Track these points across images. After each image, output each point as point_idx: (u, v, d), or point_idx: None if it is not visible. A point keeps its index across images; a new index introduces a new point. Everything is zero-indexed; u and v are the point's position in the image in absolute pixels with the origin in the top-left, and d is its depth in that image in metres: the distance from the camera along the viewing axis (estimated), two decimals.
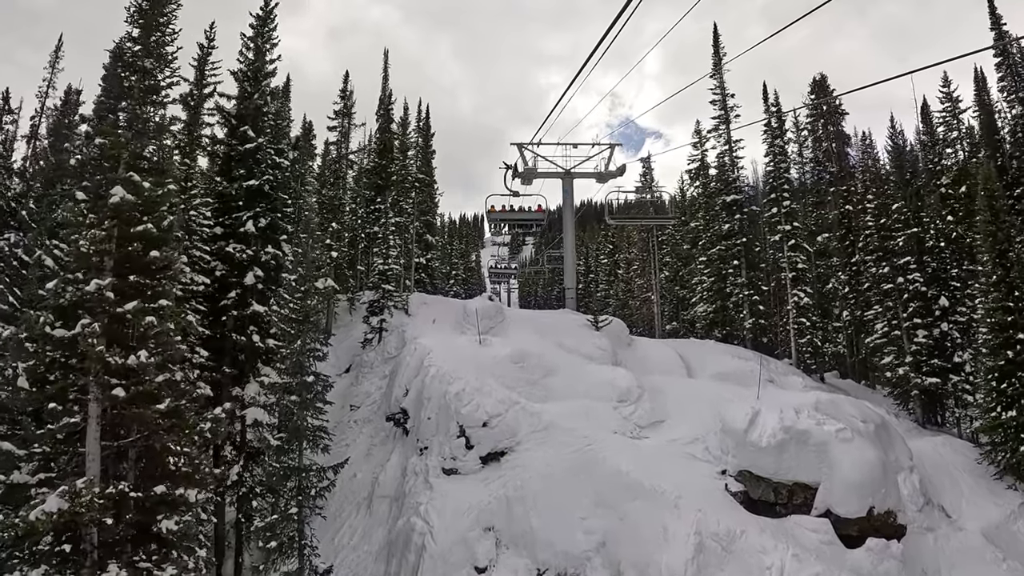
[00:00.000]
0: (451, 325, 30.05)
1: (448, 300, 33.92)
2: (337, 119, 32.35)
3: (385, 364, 26.91)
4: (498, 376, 23.38)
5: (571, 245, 32.26)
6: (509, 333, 29.19)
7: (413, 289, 34.22)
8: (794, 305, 34.66)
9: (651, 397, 24.69)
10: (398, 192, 33.51)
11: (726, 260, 36.88)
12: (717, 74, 39.75)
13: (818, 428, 21.37)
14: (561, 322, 30.45)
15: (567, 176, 32.24)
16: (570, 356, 27.19)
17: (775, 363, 34.55)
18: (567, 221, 32.09)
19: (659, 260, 49.22)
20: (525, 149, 31.61)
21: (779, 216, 35.56)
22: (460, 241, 78.23)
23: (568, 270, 32.34)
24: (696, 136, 44.19)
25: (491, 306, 29.79)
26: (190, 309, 20.24)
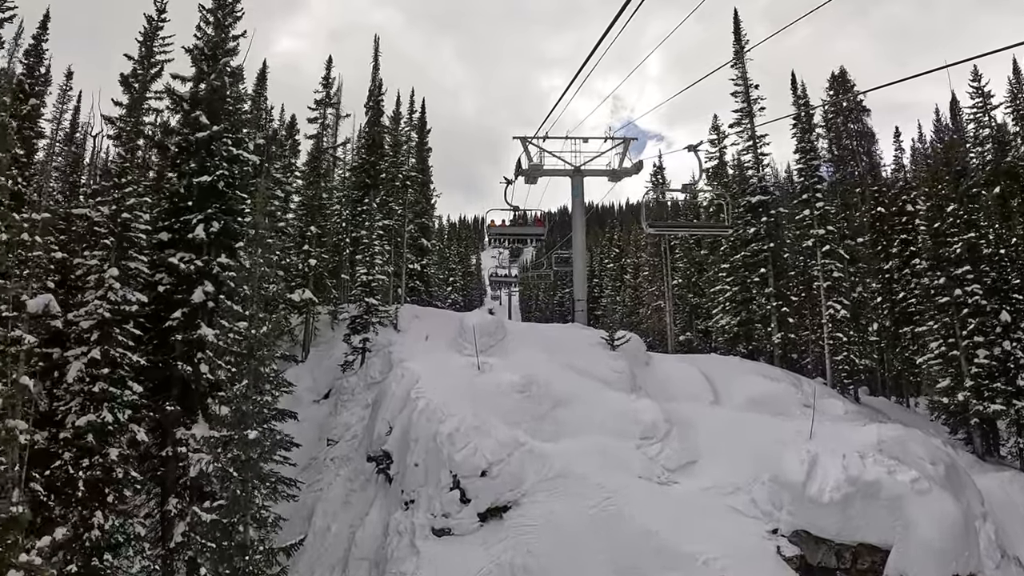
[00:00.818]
0: (446, 342, 26.04)
1: (443, 313, 29.89)
2: (318, 109, 28.36)
3: (368, 391, 22.88)
4: (500, 410, 19.39)
5: (581, 251, 28.25)
6: (512, 352, 25.17)
7: (404, 300, 30.19)
8: (829, 318, 30.67)
9: (680, 433, 20.70)
10: (388, 191, 29.51)
11: (751, 268, 32.89)
12: (739, 63, 35.82)
13: (890, 478, 17.47)
14: (571, 339, 26.42)
15: (576, 173, 28.23)
16: (583, 381, 23.19)
17: (808, 383, 30.48)
18: (577, 224, 28.10)
19: (670, 265, 45.24)
20: (530, 144, 27.63)
21: (811, 219, 31.55)
22: (459, 244, 74.03)
23: (578, 279, 28.33)
24: (714, 132, 40.24)
25: (491, 321, 25.78)
26: (122, 334, 16.19)
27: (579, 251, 28.19)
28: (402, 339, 25.87)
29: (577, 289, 27.95)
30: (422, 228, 40.17)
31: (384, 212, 28.80)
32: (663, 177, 46.93)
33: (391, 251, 29.17)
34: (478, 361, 21.30)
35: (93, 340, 15.88)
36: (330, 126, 27.77)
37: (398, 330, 26.64)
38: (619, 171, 28.36)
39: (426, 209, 40.45)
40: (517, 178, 28.24)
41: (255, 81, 29.27)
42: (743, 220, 33.75)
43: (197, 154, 18.31)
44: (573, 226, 28.37)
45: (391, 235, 29.37)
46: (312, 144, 29.01)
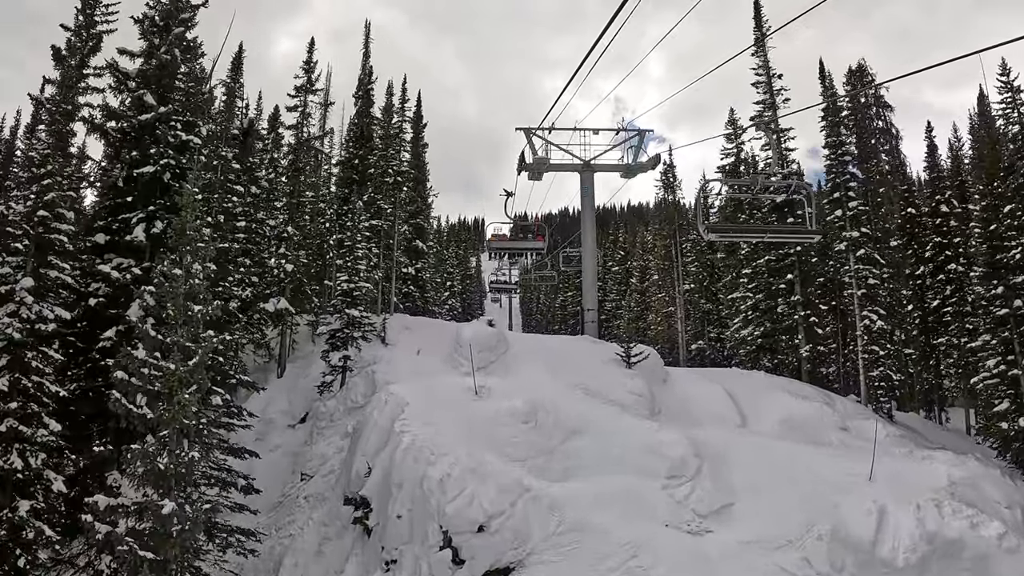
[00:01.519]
0: (440, 358, 22.88)
1: (437, 324, 26.68)
2: (298, 96, 25.12)
3: (349, 416, 19.68)
4: (500, 444, 16.24)
5: (591, 255, 25.05)
6: (514, 370, 22.02)
7: (394, 309, 26.97)
8: (864, 330, 27.44)
9: (711, 469, 17.56)
10: (377, 189, 26.32)
11: (776, 273, 29.68)
12: (760, 51, 32.64)
13: (972, 533, 14.39)
14: (581, 354, 23.27)
15: (586, 168, 25.08)
16: (597, 406, 20.06)
17: (840, 401, 27.26)
18: (586, 225, 24.93)
19: (681, 268, 42.07)
20: (534, 135, 24.48)
21: (844, 220, 28.32)
22: (458, 247, 70.72)
23: (587, 287, 25.13)
24: (730, 127, 37.07)
25: (490, 334, 22.62)
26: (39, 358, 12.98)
27: (589, 255, 25.01)
28: (390, 355, 22.66)
29: (587, 297, 24.76)
30: (417, 229, 36.94)
31: (372, 211, 25.63)
32: (674, 176, 43.75)
33: (380, 254, 25.98)
34: (475, 384, 18.10)
35: (0, 367, 12.69)
36: (311, 115, 24.66)
37: (386, 344, 23.45)
38: (633, 166, 25.19)
39: (421, 209, 37.23)
40: (520, 173, 25.12)
41: (230, 67, 26.13)
42: (766, 222, 30.51)
43: (140, 140, 15.08)
44: (582, 227, 25.22)
45: (381, 237, 26.17)
46: (290, 136, 25.80)
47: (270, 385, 23.19)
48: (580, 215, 25.57)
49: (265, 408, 22.22)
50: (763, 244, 30.47)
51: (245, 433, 21.89)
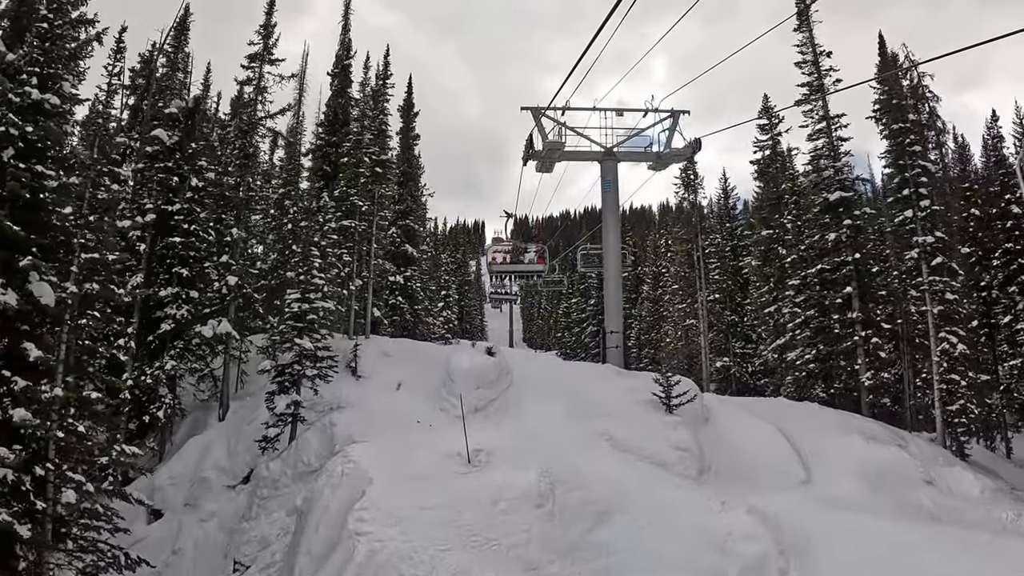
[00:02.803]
0: (426, 396, 17.67)
1: (424, 349, 21.35)
2: (251, 67, 19.62)
3: (299, 482, 14.38)
4: (502, 546, 10.94)
5: (615, 266, 19.71)
6: (520, 414, 16.80)
7: (372, 328, 21.66)
8: (943, 355, 22.19)
9: (799, 567, 12.24)
10: (349, 182, 21.04)
11: (832, 285, 24.43)
12: (803, 25, 27.54)
13: None
14: (604, 390, 18.01)
15: (608, 157, 19.86)
16: (631, 466, 14.87)
17: (914, 442, 22.03)
18: (608, 228, 19.64)
19: (704, 276, 36.81)
20: (544, 116, 19.27)
21: (915, 222, 23.06)
22: (457, 251, 65.24)
23: (611, 304, 19.82)
24: (764, 114, 31.79)
25: (490, 367, 17.41)
26: None
27: (612, 265, 19.72)
28: (360, 393, 17.39)
29: (610, 316, 19.47)
30: (406, 232, 31.70)
31: (344, 210, 20.40)
32: (695, 173, 38.45)
33: (354, 263, 20.69)
34: (468, 448, 12.80)
35: None
36: (268, 90, 19.41)
37: (358, 376, 18.20)
38: (666, 154, 19.96)
39: (412, 209, 31.97)
40: (526, 163, 19.92)
41: (172, 32, 20.88)
42: (818, 223, 25.31)
43: None
44: (604, 231, 19.92)
45: (356, 241, 20.88)
46: (242, 116, 20.40)
47: (211, 429, 17.90)
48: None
49: (200, 461, 16.95)
50: (815, 250, 25.26)
51: (172, 491, 16.67)
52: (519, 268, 25.48)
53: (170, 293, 18.49)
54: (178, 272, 18.61)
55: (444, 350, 19.96)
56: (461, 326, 58.43)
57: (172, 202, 19.32)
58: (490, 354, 17.77)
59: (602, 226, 19.97)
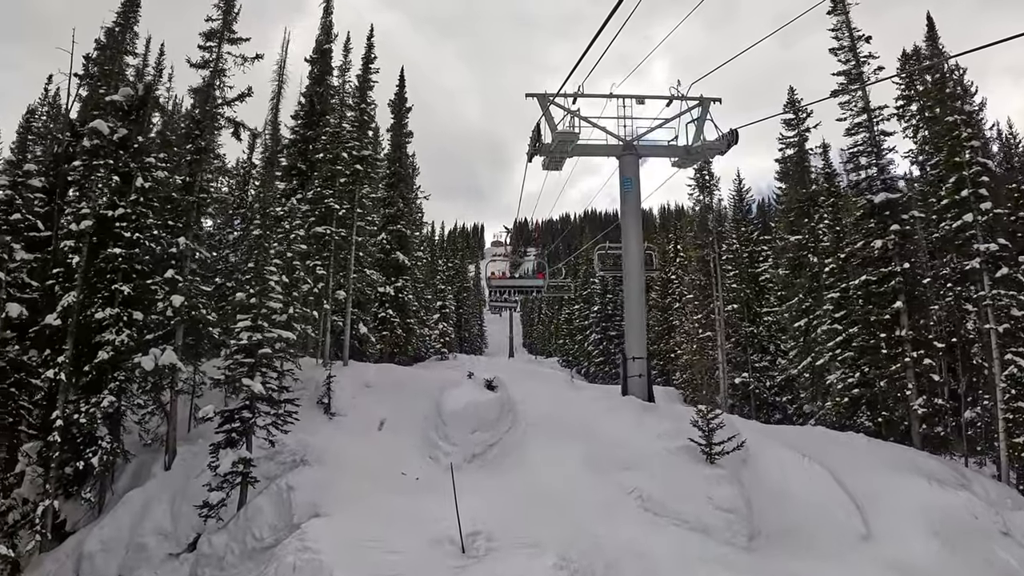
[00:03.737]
0: (412, 440, 14.56)
1: (413, 377, 18.07)
2: (208, 47, 16.22)
3: (249, 562, 11.19)
4: None
5: (637, 278, 16.31)
6: (527, 464, 13.64)
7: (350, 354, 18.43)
8: (1009, 381, 19.03)
9: None
10: (325, 181, 17.83)
11: (879, 300, 21.28)
12: (838, 7, 24.50)
13: None
14: (627, 431, 14.89)
15: (628, 151, 16.67)
16: (666, 533, 11.81)
17: (978, 481, 18.89)
18: (629, 233, 16.34)
19: (721, 284, 33.69)
20: (552, 104, 16.12)
21: (975, 228, 19.92)
22: (455, 255, 61.83)
23: (632, 322, 16.42)
24: (789, 108, 28.65)
25: (489, 404, 14.27)
26: None
27: (634, 278, 16.40)
28: (333, 437, 14.20)
29: (632, 340, 16.16)
30: (398, 238, 28.56)
31: (318, 214, 17.20)
32: (710, 173, 35.36)
33: (330, 275, 17.48)
34: (461, 531, 9.60)
35: None
36: (227, 71, 16.15)
37: (331, 414, 15.00)
38: (696, 148, 16.78)
39: (404, 212, 28.81)
40: (532, 159, 16.76)
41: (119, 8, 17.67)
42: (860, 229, 22.17)
43: None
44: (624, 236, 16.63)
45: (332, 251, 17.66)
46: (193, 101, 17.19)
47: (154, 480, 14.68)
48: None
49: (139, 522, 13.77)
50: (858, 258, 22.09)
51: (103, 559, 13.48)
52: (519, 284, 23.67)
53: (109, 315, 15.32)
54: (119, 289, 15.44)
55: (436, 378, 16.78)
56: (459, 334, 55.17)
57: (115, 205, 16.17)
58: (490, 388, 14.63)
59: (622, 233, 16.76)
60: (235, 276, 16.23)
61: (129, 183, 16.18)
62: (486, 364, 32.08)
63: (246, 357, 11.96)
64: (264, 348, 11.97)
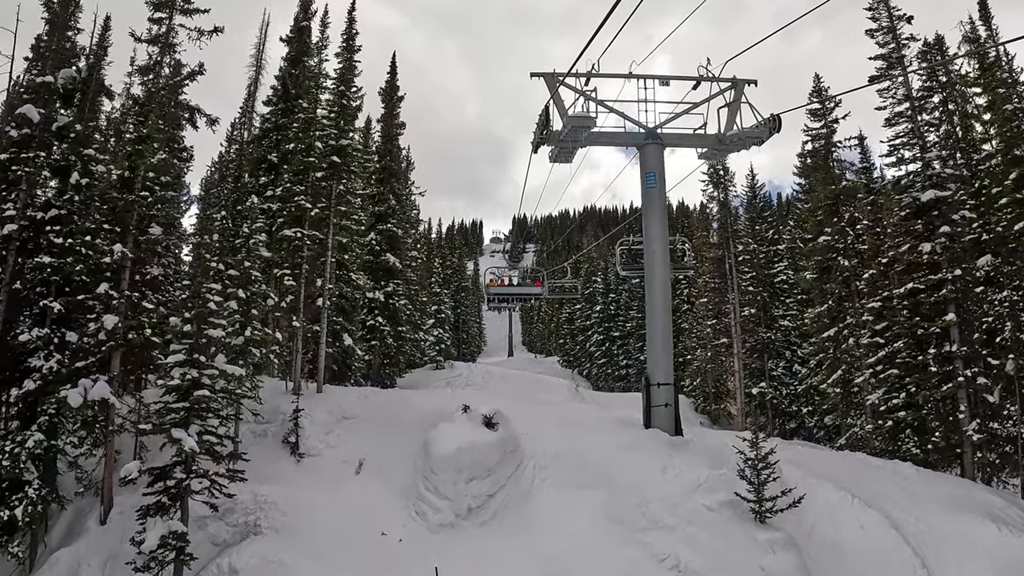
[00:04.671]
0: (396, 484, 12.11)
1: (400, 404, 15.39)
2: (159, 18, 13.28)
3: None
4: None
5: (662, 291, 13.56)
6: (534, 520, 11.08)
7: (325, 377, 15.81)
8: None
9: None
10: (296, 176, 15.17)
11: (929, 312, 18.71)
12: None
13: None
14: (654, 475, 12.32)
15: (651, 140, 13.97)
16: None
17: None
18: (653, 232, 13.57)
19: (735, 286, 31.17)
20: (562, 84, 13.45)
21: None
22: (452, 254, 59.07)
23: (656, 343, 13.60)
24: (815, 97, 25.97)
25: (487, 447, 11.77)
26: None
27: (658, 289, 13.67)
28: (299, 486, 11.64)
29: (656, 361, 13.34)
30: (389, 239, 25.94)
31: (288, 214, 14.58)
32: (724, 169, 32.76)
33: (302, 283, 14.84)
34: None
35: None
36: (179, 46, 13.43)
37: (299, 455, 12.43)
38: (730, 137, 14.12)
39: (395, 210, 26.18)
40: (537, 150, 14.13)
41: None
42: (904, 231, 19.58)
43: None
44: (646, 240, 13.86)
45: (303, 256, 15.01)
46: (134, 83, 14.55)
47: (85, 539, 12.06)
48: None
49: None
50: (902, 264, 19.49)
51: None
52: (518, 291, 22.18)
53: (36, 336, 12.74)
54: (50, 306, 12.85)
55: (426, 407, 14.20)
56: (457, 335, 52.53)
57: (48, 206, 13.58)
58: (489, 426, 12.04)
59: (644, 237, 14.09)
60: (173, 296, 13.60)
61: (65, 179, 13.57)
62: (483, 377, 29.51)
63: (178, 401, 9.38)
64: (200, 390, 9.38)
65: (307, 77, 16.80)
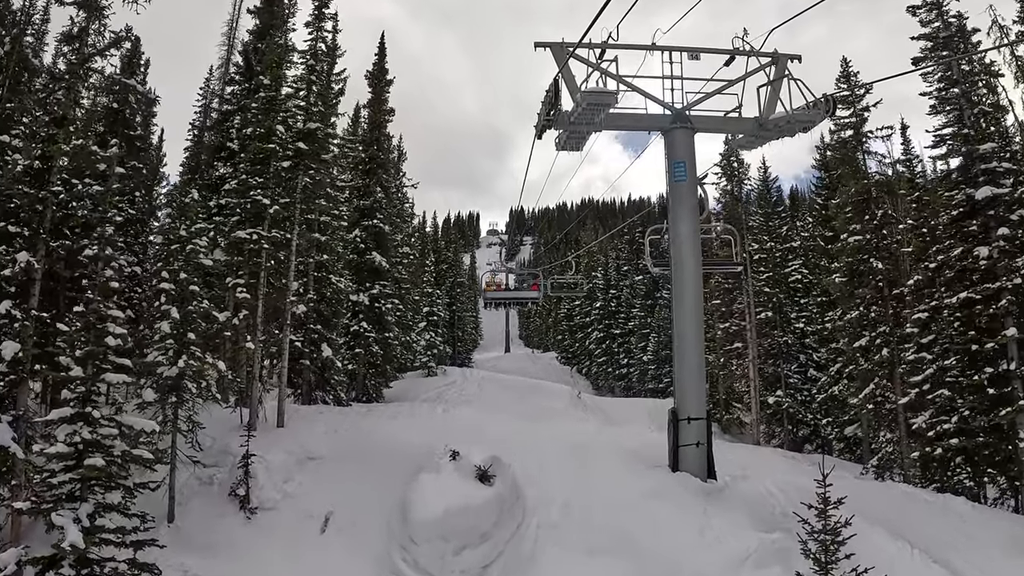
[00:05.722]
0: (370, 549, 9.43)
1: (380, 437, 12.90)
2: None
3: None
4: None
5: (694, 307, 11.01)
6: None
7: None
8: None
9: None
10: (253, 166, 12.63)
11: (985, 326, 16.28)
12: None
13: None
14: (689, 536, 9.84)
15: (679, 124, 11.37)
16: None
17: None
18: (681, 231, 10.97)
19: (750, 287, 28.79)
20: (573, 57, 10.95)
21: None
22: (448, 249, 56.31)
23: (687, 370, 10.87)
24: (844, 82, 23.40)
25: (484, 504, 9.18)
26: None
27: (689, 306, 11.03)
28: (246, 554, 9.20)
29: (686, 391, 10.70)
30: (375, 236, 23.41)
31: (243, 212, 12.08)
32: (739, 160, 30.29)
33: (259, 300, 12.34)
34: None
35: None
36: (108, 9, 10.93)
37: (249, 511, 9.95)
38: (775, 120, 11.57)
39: (381, 204, 23.62)
40: (542, 134, 11.60)
41: None
42: (955, 232, 17.11)
43: None
44: (673, 246, 11.18)
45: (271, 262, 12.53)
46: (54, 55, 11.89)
47: None
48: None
49: None
50: (952, 270, 17.02)
51: None
52: (514, 296, 20.96)
53: None
54: None
55: (410, 445, 11.72)
56: (452, 333, 49.99)
57: None
58: (484, 479, 9.56)
59: (671, 242, 11.45)
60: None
61: None
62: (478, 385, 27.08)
63: (67, 471, 6.85)
64: (94, 457, 6.83)
65: (273, 51, 14.21)
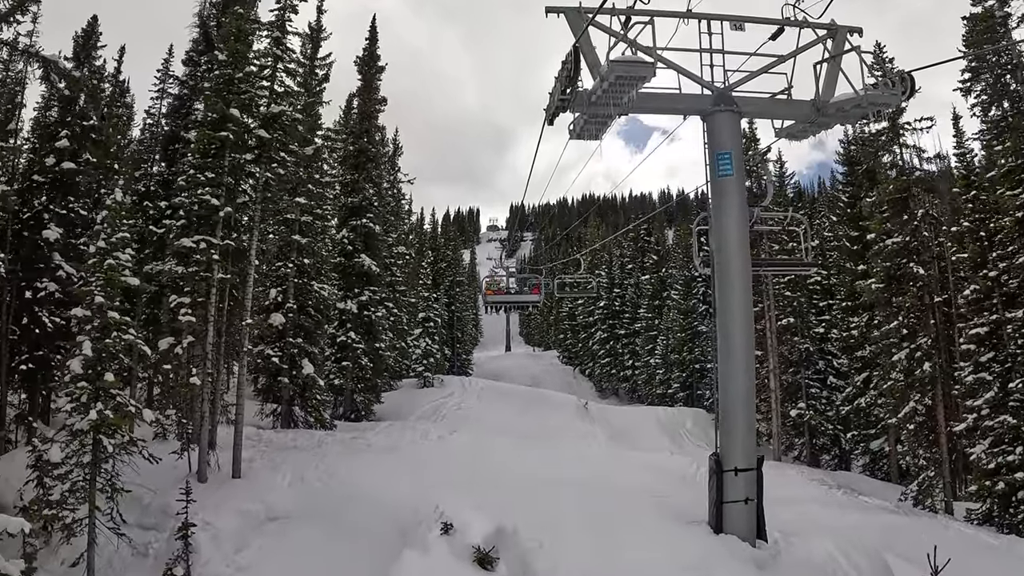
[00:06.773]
0: None
1: (364, 486, 10.66)
2: None
3: None
4: None
5: (744, 329, 8.92)
6: None
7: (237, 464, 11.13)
8: None
9: None
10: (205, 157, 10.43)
11: None
12: None
13: None
14: None
15: (722, 106, 9.19)
16: None
17: None
18: (730, 234, 8.81)
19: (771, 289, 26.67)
20: (593, 24, 8.81)
21: None
22: (447, 247, 53.90)
23: (733, 411, 8.86)
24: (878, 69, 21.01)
25: None
26: None
27: (739, 330, 8.78)
28: None
29: (733, 440, 8.42)
30: (364, 236, 21.20)
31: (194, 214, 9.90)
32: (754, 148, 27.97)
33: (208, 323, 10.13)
34: None
35: None
36: None
37: None
38: (839, 104, 9.41)
39: (371, 202, 21.39)
40: (554, 119, 9.39)
41: None
42: (1019, 235, 14.88)
43: None
44: (719, 252, 8.97)
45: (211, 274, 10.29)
46: None
47: None
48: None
49: None
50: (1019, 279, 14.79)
51: None
52: (514, 299, 19.23)
53: None
54: None
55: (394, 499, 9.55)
56: (451, 334, 47.78)
57: None
58: (484, 563, 7.34)
59: (714, 250, 9.14)
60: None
61: None
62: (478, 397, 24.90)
63: None
64: None
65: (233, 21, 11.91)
